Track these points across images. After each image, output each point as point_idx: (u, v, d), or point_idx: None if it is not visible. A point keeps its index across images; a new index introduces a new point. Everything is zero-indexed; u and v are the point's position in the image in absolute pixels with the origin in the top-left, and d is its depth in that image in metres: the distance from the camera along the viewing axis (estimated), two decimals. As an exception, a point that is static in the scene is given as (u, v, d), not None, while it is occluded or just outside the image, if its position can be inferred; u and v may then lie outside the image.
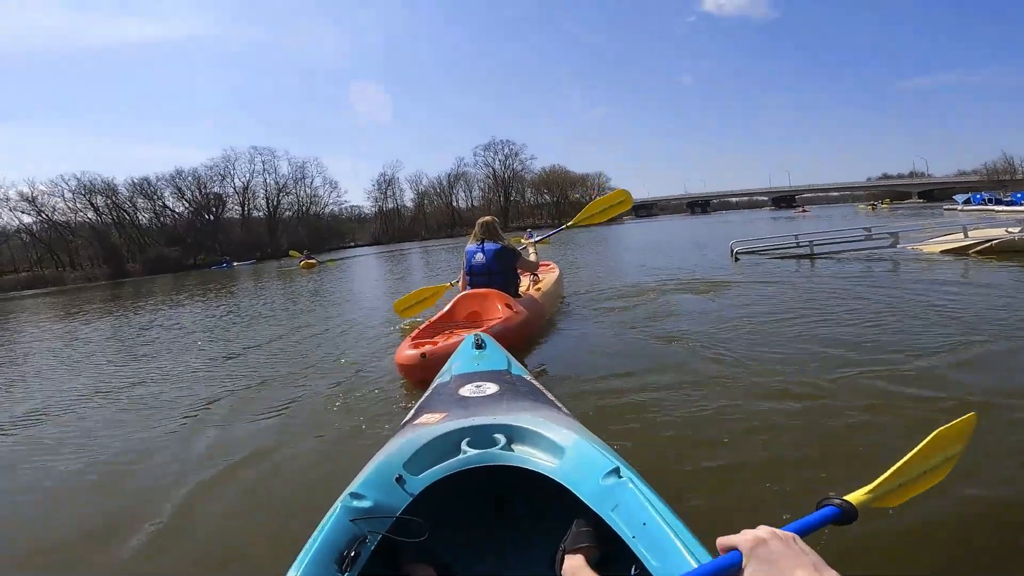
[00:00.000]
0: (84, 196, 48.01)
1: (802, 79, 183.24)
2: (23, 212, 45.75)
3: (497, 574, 1.25)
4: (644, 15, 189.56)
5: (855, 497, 0.87)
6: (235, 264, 41.31)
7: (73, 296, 21.98)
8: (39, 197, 45.93)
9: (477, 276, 4.32)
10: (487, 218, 4.54)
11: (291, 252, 30.92)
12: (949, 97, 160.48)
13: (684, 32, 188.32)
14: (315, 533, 0.99)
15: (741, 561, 0.65)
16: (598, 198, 5.44)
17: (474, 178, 78.24)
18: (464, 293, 4.16)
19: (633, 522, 0.99)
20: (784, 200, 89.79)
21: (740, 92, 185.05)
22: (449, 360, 2.05)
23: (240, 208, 58.90)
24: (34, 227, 46.47)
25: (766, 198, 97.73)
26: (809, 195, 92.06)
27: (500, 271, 4.28)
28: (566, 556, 1.06)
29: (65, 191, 47.26)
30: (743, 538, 0.66)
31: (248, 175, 59.76)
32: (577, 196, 79.55)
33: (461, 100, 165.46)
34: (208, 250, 48.58)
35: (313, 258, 24.65)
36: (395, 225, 70.44)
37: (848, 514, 0.84)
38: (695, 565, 0.86)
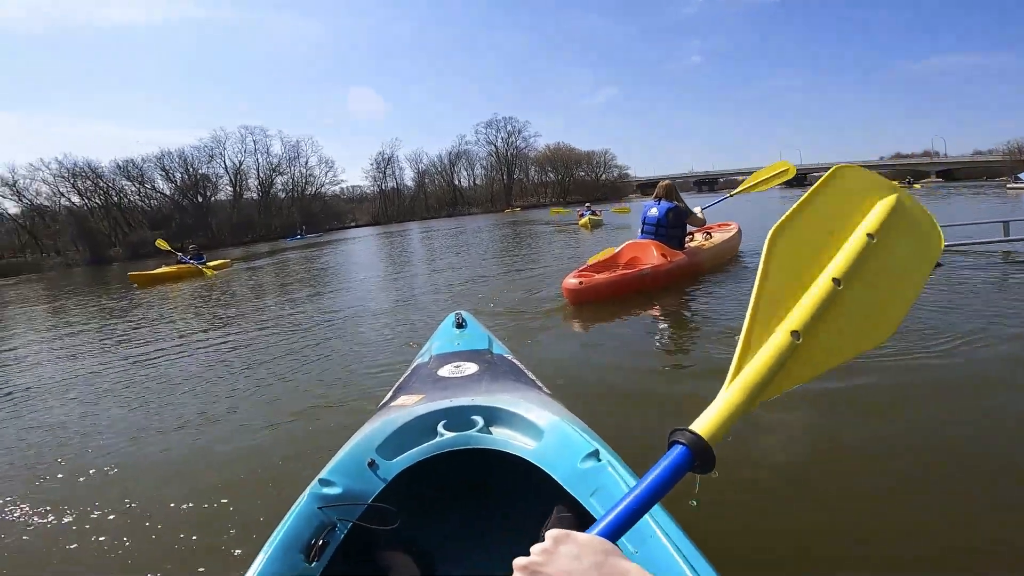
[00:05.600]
0: (66, 180, 45.16)
1: (811, 58, 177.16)
2: (4, 197, 43.04)
3: (476, 560, 1.19)
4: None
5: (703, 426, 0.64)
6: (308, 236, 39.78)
7: (33, 285, 19.67)
8: (19, 182, 43.13)
9: (647, 226, 5.21)
10: (666, 182, 5.38)
11: (158, 242, 16.67)
12: (959, 78, 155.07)
13: (692, 12, 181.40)
14: (281, 522, 0.94)
15: None
16: (761, 168, 5.81)
17: (476, 156, 75.12)
18: (629, 242, 5.22)
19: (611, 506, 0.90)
20: (796, 179, 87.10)
21: (749, 71, 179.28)
22: (429, 340, 2.00)
23: (232, 189, 56.09)
24: (20, 214, 43.79)
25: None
26: (819, 174, 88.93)
27: (667, 225, 5.10)
28: None
29: (47, 175, 44.41)
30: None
31: (240, 155, 56.74)
32: (583, 174, 76.76)
33: (460, 83, 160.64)
34: (196, 234, 45.84)
35: (193, 261, 13.41)
36: (395, 204, 67.68)
37: (697, 458, 0.60)
38: (674, 552, 0.83)
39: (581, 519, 0.99)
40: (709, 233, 5.96)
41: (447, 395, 1.35)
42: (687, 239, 5.51)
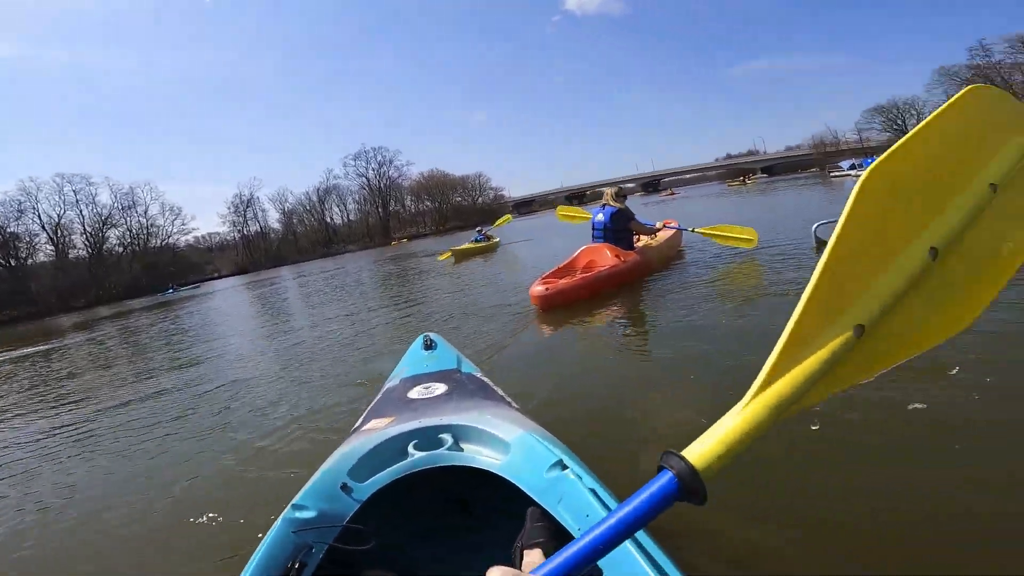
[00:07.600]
0: None
1: (656, 69, 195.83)
2: None
3: (461, 573, 1.22)
4: (511, 18, 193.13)
5: (693, 453, 0.54)
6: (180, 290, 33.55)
7: None
8: None
9: (596, 231, 5.72)
10: (614, 188, 5.84)
11: None
12: (769, 79, 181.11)
13: (553, 32, 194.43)
14: (256, 549, 0.95)
15: None
16: (728, 225, 6.26)
17: (347, 190, 72.19)
18: (584, 247, 5.63)
19: (577, 514, 0.97)
20: (651, 185, 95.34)
21: (605, 87, 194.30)
22: (399, 363, 2.02)
23: (54, 248, 47.55)
24: None
25: (634, 185, 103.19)
26: (670, 178, 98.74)
27: (614, 228, 5.60)
28: (524, 552, 1.02)
29: None
30: None
31: (59, 208, 48.52)
32: (459, 199, 77.11)
33: (328, 114, 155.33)
34: (9, 303, 37.66)
35: None
36: (262, 250, 62.24)
37: (685, 488, 0.52)
38: (640, 558, 0.81)
39: (555, 526, 1.01)
40: (653, 235, 6.48)
41: (417, 416, 1.36)
42: (635, 239, 5.87)
